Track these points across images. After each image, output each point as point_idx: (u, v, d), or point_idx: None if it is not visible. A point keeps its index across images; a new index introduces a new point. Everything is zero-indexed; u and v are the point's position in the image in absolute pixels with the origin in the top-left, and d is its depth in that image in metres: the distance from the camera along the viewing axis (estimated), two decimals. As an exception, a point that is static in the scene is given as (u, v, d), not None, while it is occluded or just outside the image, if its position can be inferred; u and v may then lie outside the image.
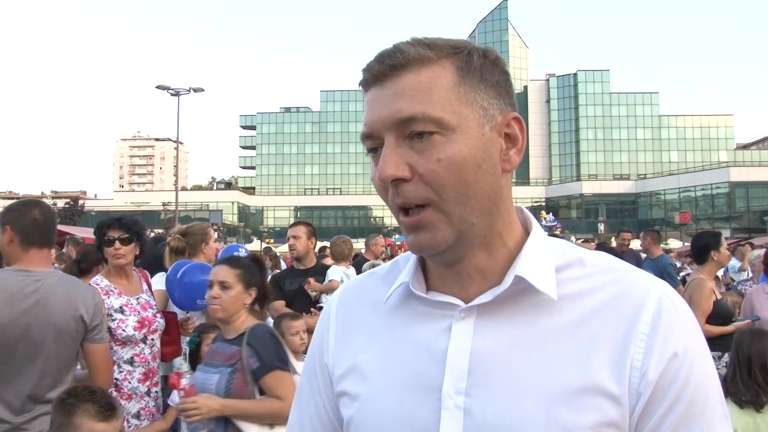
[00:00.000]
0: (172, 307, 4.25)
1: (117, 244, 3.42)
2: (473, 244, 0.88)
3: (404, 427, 0.89)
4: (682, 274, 10.41)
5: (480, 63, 0.86)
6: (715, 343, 4.12)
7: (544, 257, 0.89)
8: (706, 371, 0.85)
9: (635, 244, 10.93)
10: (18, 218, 2.63)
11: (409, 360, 0.92)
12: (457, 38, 0.89)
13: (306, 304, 4.80)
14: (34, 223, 2.64)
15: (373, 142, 0.87)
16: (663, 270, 7.11)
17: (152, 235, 7.32)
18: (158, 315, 3.62)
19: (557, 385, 0.83)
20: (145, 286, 3.71)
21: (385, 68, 0.84)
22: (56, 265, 8.44)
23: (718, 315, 4.55)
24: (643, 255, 8.40)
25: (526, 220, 0.96)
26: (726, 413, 0.86)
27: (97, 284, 3.41)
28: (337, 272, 5.11)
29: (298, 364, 3.37)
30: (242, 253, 4.96)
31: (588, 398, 0.81)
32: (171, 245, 4.41)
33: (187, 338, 4.16)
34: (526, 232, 0.94)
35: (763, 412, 2.79)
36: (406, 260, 0.99)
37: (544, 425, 0.81)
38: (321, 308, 4.63)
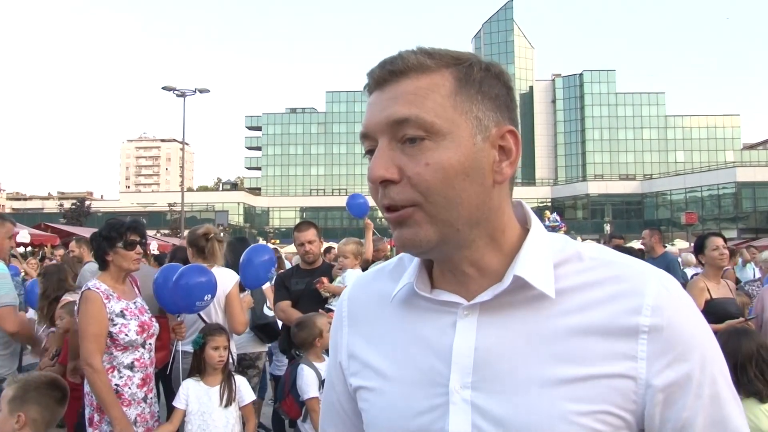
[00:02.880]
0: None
1: (139, 248, 3.47)
2: (460, 247, 0.90)
3: (414, 421, 0.91)
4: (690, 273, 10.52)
5: (480, 75, 0.88)
6: None
7: (543, 254, 0.91)
8: (716, 356, 0.87)
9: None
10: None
11: (416, 356, 0.94)
12: (464, 51, 0.91)
13: (313, 305, 4.65)
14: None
15: (370, 144, 0.90)
16: (670, 265, 7.18)
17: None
18: (153, 319, 3.59)
19: (560, 376, 0.84)
20: (136, 290, 3.68)
21: (386, 73, 0.87)
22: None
23: (710, 313, 4.58)
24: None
25: (525, 216, 0.97)
26: (736, 395, 0.89)
27: (98, 288, 3.37)
28: (354, 276, 4.80)
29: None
30: (266, 257, 4.82)
31: (590, 388, 0.83)
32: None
33: (178, 342, 4.11)
34: (525, 229, 0.95)
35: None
36: (411, 258, 1.01)
37: (548, 415, 0.83)
38: (329, 309, 4.52)
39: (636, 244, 12.91)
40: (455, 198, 0.85)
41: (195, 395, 3.55)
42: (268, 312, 5.21)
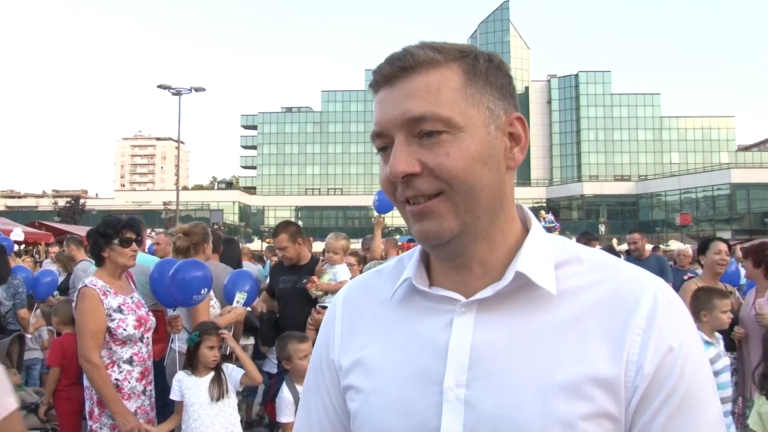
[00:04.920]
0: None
1: (134, 245, 3.49)
2: (476, 238, 0.91)
3: (407, 420, 0.91)
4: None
5: (485, 66, 0.90)
6: None
7: (544, 254, 0.92)
8: (700, 365, 0.86)
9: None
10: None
11: (412, 354, 0.94)
12: (462, 43, 0.93)
13: (301, 305, 4.53)
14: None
15: (383, 141, 0.90)
16: (663, 265, 7.57)
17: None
18: (149, 313, 3.62)
19: (554, 377, 0.84)
20: (132, 285, 3.71)
21: (396, 70, 0.88)
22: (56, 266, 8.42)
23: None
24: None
25: (525, 217, 0.99)
26: (719, 405, 0.88)
27: (94, 285, 3.38)
28: (346, 273, 4.67)
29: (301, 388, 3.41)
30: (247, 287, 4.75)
31: (584, 390, 0.83)
32: (177, 245, 4.40)
33: (174, 335, 4.12)
34: (526, 229, 0.97)
35: None
36: (410, 257, 1.02)
37: (541, 416, 0.83)
38: (325, 308, 4.39)
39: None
40: (476, 185, 0.86)
41: (187, 387, 3.59)
42: None
